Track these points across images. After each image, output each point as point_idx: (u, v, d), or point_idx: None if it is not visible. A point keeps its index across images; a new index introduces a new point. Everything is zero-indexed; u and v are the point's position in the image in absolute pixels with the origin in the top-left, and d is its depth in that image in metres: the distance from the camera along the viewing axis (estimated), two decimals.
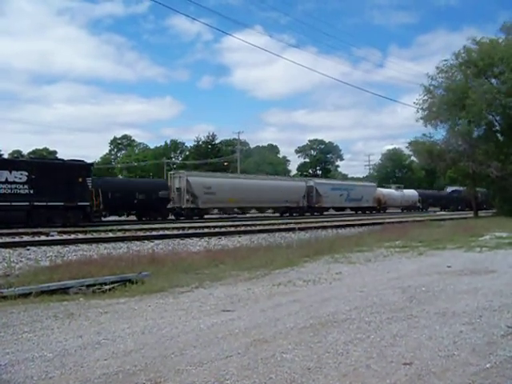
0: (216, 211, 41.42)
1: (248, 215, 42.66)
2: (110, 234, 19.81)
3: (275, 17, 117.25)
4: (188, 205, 35.02)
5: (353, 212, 50.94)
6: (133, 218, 33.02)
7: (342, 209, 50.99)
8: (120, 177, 48.22)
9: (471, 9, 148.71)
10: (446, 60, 33.88)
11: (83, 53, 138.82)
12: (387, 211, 55.30)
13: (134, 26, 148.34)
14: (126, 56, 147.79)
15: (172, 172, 39.28)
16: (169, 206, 34.66)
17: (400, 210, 57.79)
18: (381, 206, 54.18)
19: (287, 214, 42.45)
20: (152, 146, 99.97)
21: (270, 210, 45.79)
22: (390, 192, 57.49)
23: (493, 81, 33.07)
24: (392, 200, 56.49)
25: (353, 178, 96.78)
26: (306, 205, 44.30)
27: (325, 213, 46.90)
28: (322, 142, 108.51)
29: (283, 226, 24.96)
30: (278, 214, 43.53)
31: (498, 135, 35.56)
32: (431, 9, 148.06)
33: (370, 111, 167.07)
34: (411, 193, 60.86)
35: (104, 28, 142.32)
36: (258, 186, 40.47)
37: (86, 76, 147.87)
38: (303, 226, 24.21)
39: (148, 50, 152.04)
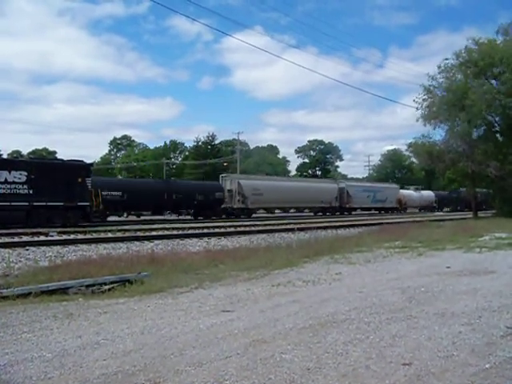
0: (261, 211, 45.09)
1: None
2: (110, 235, 19.81)
3: (275, 17, 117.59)
4: (239, 205, 38.73)
5: (376, 212, 53.67)
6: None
7: (369, 209, 53.46)
8: (176, 179, 49.80)
9: (471, 9, 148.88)
10: (447, 59, 33.90)
11: (83, 53, 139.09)
12: (407, 211, 58.46)
13: (135, 27, 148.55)
14: (126, 56, 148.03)
15: (224, 175, 43.02)
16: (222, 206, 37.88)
17: (417, 210, 60.70)
18: (402, 207, 57.63)
19: (320, 214, 46.49)
20: (152, 147, 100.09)
21: (305, 210, 49.53)
22: (409, 193, 61.03)
23: (493, 81, 33.11)
24: (412, 201, 60.18)
25: (353, 179, 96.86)
26: (338, 205, 47.78)
27: (353, 212, 50.02)
28: (321, 142, 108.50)
29: (283, 227, 24.96)
30: (312, 214, 47.47)
31: (497, 136, 35.58)
32: (431, 9, 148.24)
33: (370, 112, 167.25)
34: (428, 194, 64.50)
35: (104, 28, 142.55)
36: (297, 187, 44.54)
37: (86, 76, 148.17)
38: (303, 226, 24.21)
39: (148, 51, 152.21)
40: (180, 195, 33.54)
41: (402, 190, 59.62)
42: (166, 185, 34.83)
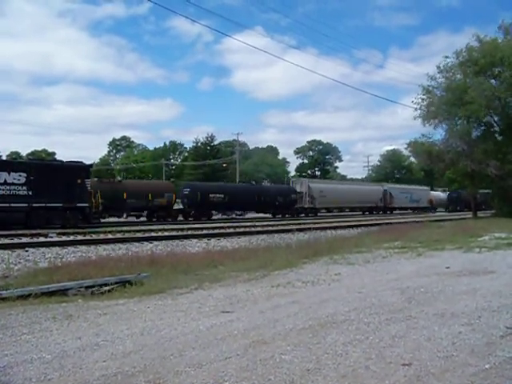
0: (324, 210, 50.51)
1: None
2: (109, 236, 19.80)
3: (276, 18, 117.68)
4: (308, 205, 44.67)
5: (411, 211, 58.42)
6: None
7: (406, 208, 59.12)
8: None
9: (472, 10, 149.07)
10: (447, 57, 33.85)
11: (84, 54, 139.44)
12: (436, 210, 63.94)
13: (135, 28, 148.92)
14: (127, 58, 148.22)
15: (294, 179, 51.49)
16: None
17: (444, 209, 64.87)
18: (432, 206, 63.47)
19: (367, 212, 52.49)
20: (152, 148, 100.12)
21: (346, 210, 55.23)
22: (438, 194, 67.26)
23: (492, 81, 33.11)
24: (439, 201, 65.37)
25: (352, 179, 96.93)
26: (383, 205, 54.33)
27: (394, 212, 55.55)
28: (320, 142, 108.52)
29: (282, 228, 24.95)
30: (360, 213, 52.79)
31: (497, 135, 35.58)
32: (432, 10, 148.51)
33: (370, 112, 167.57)
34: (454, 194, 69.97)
35: (105, 30, 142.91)
36: (352, 190, 51.95)
37: (86, 77, 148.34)
38: (302, 227, 24.20)
39: (148, 52, 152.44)
40: (267, 197, 40.74)
41: (432, 192, 66.69)
42: (256, 189, 42.83)
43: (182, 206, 36.75)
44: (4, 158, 29.70)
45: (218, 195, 36.77)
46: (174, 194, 34.73)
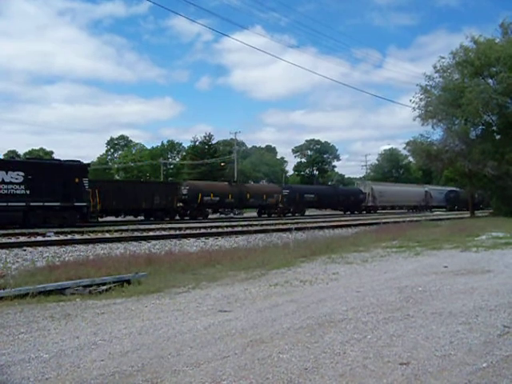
0: (380, 209, 57.46)
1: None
2: (107, 235, 19.76)
3: (275, 18, 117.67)
4: (371, 203, 53.77)
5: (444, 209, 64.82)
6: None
7: (442, 206, 64.92)
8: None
9: (471, 10, 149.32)
10: (443, 58, 33.88)
11: (83, 53, 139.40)
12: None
13: (134, 27, 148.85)
14: (126, 57, 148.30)
15: (359, 181, 61.78)
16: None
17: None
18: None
19: (412, 210, 59.22)
20: (151, 147, 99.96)
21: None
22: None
23: (489, 81, 33.14)
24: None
25: (351, 179, 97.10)
26: (424, 204, 61.66)
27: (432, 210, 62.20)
28: (318, 141, 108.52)
29: (280, 227, 24.95)
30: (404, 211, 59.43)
31: (495, 135, 35.61)
32: (431, 10, 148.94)
33: (369, 112, 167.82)
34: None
35: (104, 29, 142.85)
36: (402, 190, 60.56)
37: (85, 76, 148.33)
38: (300, 226, 24.20)
39: (148, 51, 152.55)
40: (343, 197, 50.08)
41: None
42: (336, 190, 52.80)
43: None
44: (1, 156, 29.66)
45: (310, 195, 46.45)
46: (280, 195, 43.18)
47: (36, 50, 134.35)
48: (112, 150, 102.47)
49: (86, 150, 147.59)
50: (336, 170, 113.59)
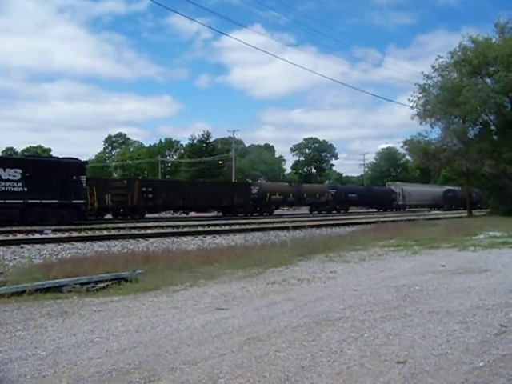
0: (407, 207, 62.52)
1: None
2: (105, 232, 19.76)
3: (275, 17, 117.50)
4: (401, 202, 59.63)
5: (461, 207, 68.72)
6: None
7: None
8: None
9: (471, 9, 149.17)
10: (441, 57, 33.88)
11: (82, 51, 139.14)
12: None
13: (134, 24, 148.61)
14: (125, 55, 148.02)
15: (390, 183, 67.86)
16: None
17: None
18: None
19: (432, 208, 64.63)
20: (149, 145, 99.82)
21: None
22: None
23: (487, 80, 33.16)
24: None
25: (349, 177, 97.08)
26: (443, 203, 65.82)
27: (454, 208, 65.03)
28: (316, 140, 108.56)
29: (277, 225, 24.95)
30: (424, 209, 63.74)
31: (493, 134, 35.65)
32: (431, 9, 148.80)
33: (367, 110, 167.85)
34: None
35: (104, 26, 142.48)
36: (424, 190, 66.11)
37: (84, 74, 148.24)
38: (298, 224, 24.20)
39: (147, 49, 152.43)
40: (376, 196, 56.45)
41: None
42: (373, 190, 59.14)
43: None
44: None
45: (353, 195, 52.50)
46: (330, 195, 48.73)
47: (35, 47, 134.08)
48: (110, 148, 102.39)
49: (84, 147, 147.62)
50: (334, 168, 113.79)
